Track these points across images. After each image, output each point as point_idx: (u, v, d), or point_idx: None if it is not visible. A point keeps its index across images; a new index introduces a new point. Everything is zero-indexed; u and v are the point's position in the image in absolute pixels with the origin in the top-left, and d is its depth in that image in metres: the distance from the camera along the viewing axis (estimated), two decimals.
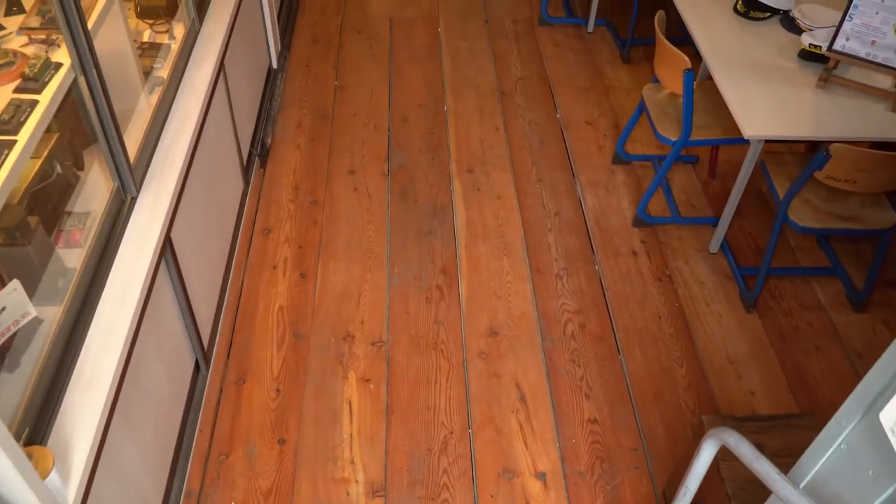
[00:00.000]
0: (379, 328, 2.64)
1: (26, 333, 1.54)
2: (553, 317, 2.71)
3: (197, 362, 2.38)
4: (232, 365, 2.51)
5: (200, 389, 2.39)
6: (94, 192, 1.89)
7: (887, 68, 2.50)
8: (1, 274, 1.53)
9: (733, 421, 1.95)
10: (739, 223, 3.09)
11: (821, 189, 2.61)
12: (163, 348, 2.04)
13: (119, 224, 1.85)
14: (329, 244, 2.94)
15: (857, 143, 2.35)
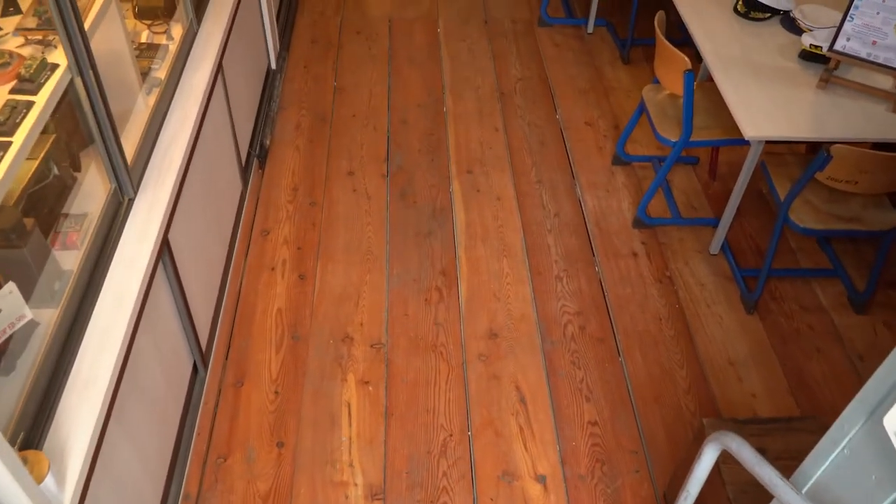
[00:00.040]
0: (378, 330, 2.63)
1: (22, 336, 1.53)
2: (553, 319, 2.70)
3: (195, 364, 2.36)
4: (230, 367, 2.50)
5: (198, 392, 2.38)
6: (91, 194, 1.88)
7: (888, 69, 2.49)
8: None
9: (734, 424, 1.94)
10: (740, 224, 3.08)
11: (822, 190, 2.60)
12: (160, 350, 2.03)
13: (116, 226, 1.84)
14: (328, 246, 2.93)
15: (859, 144, 2.34)
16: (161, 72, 2.27)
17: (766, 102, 2.52)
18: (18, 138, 1.48)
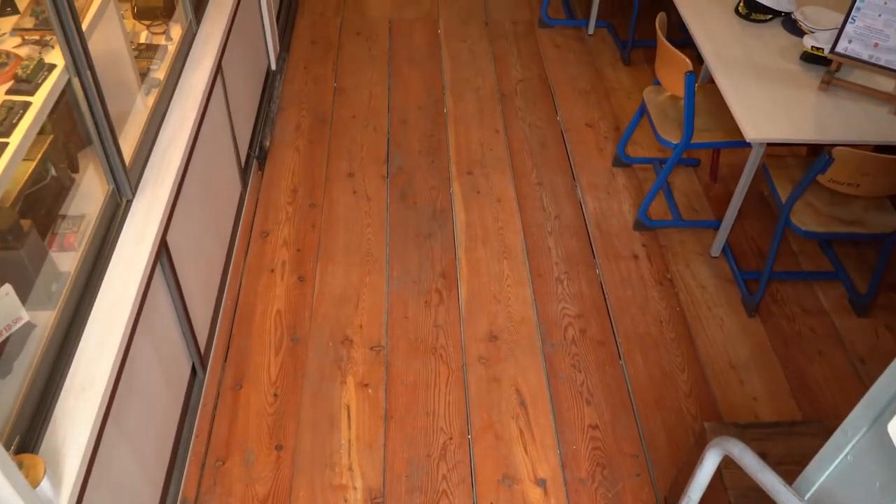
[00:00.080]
0: (377, 332, 2.62)
1: (19, 338, 1.52)
2: (553, 321, 2.69)
3: (193, 367, 2.35)
4: (229, 369, 2.49)
5: (197, 394, 2.37)
6: (89, 195, 1.87)
7: (890, 71, 2.48)
8: None
9: (736, 428, 1.92)
10: (741, 227, 3.07)
11: (823, 193, 2.59)
12: (159, 353, 2.02)
13: (114, 227, 1.83)
14: (328, 247, 2.91)
15: (860, 147, 2.33)
16: (160, 72, 2.26)
17: (768, 104, 2.51)
18: (15, 139, 1.47)
